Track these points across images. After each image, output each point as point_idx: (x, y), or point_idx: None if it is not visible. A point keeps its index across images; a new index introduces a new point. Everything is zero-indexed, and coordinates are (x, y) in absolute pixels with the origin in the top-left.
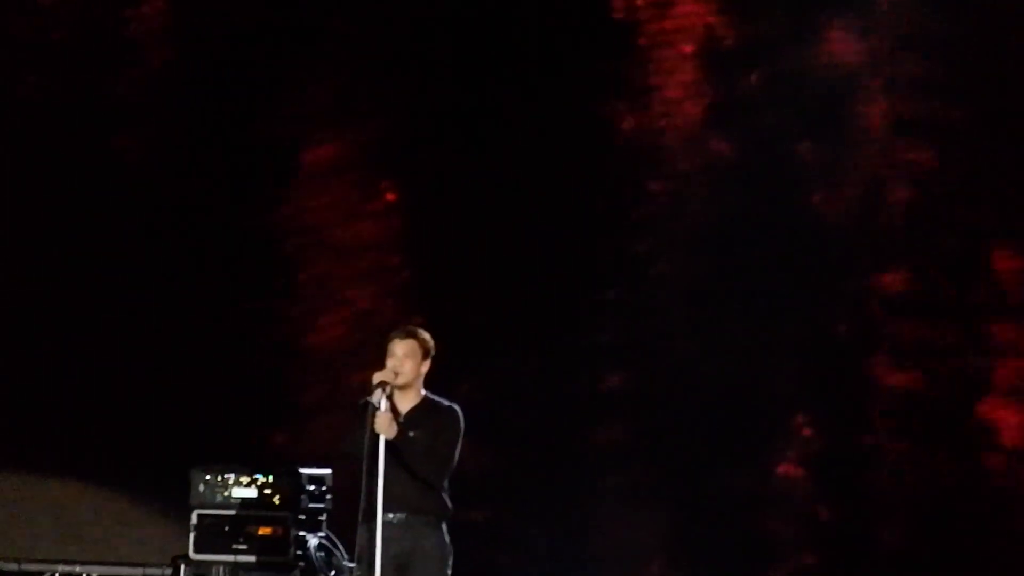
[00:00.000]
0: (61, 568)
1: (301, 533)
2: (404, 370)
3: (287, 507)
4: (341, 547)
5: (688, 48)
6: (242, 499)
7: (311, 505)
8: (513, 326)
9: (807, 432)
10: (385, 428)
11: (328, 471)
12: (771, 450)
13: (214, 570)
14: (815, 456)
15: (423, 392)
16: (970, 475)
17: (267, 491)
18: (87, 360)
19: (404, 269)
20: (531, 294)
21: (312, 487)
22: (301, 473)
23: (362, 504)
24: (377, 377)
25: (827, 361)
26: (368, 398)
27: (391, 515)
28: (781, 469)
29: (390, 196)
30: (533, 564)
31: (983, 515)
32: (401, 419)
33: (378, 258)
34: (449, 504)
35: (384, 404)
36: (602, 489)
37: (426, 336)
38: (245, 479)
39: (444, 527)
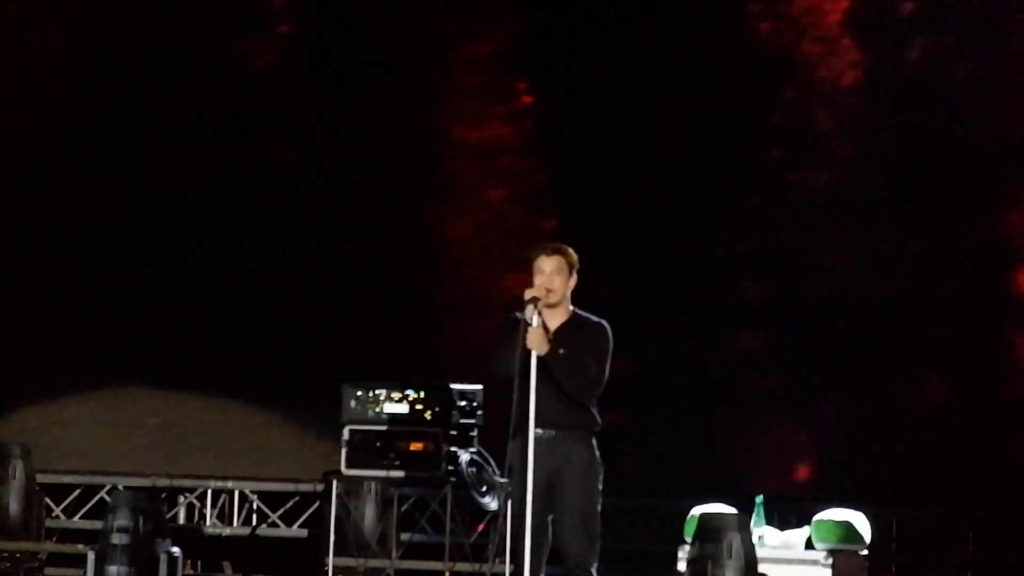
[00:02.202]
0: (213, 484)
1: (452, 449)
2: (554, 286)
3: (438, 423)
4: (493, 463)
5: None
6: (393, 415)
7: (462, 421)
8: (649, 232)
9: (953, 344)
10: (537, 344)
11: (479, 387)
12: (915, 361)
13: (365, 485)
14: (959, 368)
15: (571, 308)
16: None
17: (418, 407)
18: (237, 280)
19: (538, 172)
20: (666, 199)
21: (463, 403)
22: (452, 389)
23: (513, 420)
24: (529, 293)
25: (968, 272)
26: (518, 314)
27: (540, 431)
28: (926, 380)
29: (526, 99)
30: (670, 470)
31: None
32: (550, 336)
33: (512, 160)
34: (599, 419)
35: (536, 320)
36: (742, 397)
37: (572, 252)
38: (396, 395)
39: (594, 442)
